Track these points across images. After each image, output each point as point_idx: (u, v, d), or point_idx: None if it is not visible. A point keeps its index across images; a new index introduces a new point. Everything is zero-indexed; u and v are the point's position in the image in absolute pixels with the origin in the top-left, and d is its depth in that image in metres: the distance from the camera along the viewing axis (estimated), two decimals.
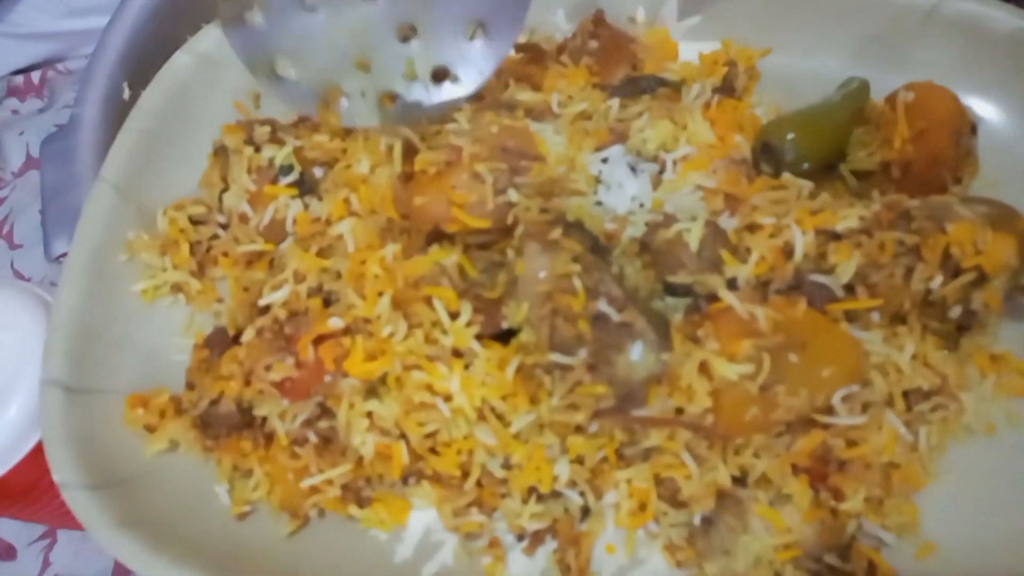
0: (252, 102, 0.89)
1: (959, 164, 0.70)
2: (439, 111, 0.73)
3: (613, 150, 0.76)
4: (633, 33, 0.86)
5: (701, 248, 0.66)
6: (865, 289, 0.65)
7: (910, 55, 0.81)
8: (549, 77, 0.83)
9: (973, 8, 0.79)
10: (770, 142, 0.73)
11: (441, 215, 0.68)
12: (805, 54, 0.85)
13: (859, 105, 0.78)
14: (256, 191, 0.75)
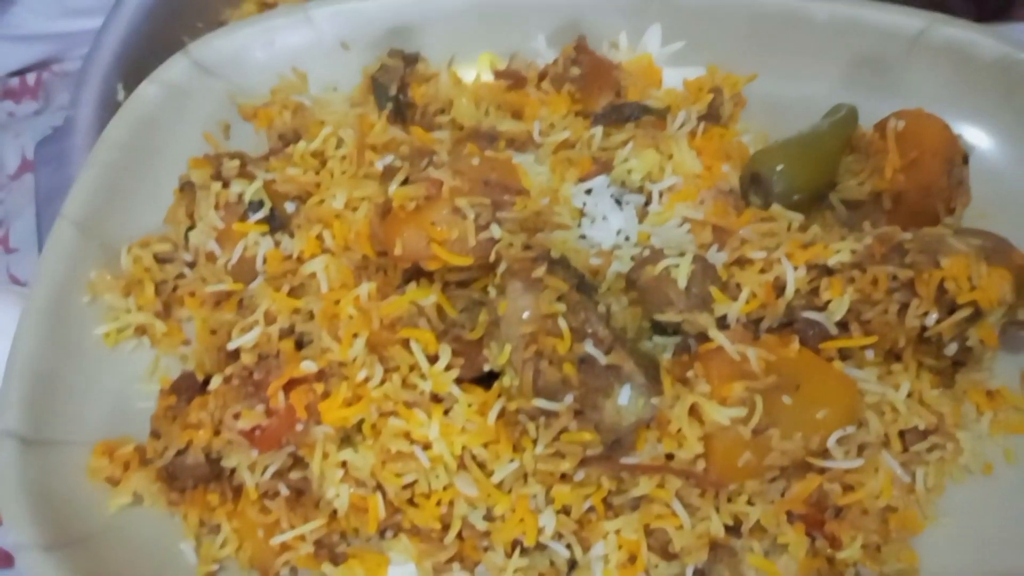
0: (222, 133, 0.86)
1: (951, 194, 0.68)
2: None
3: (597, 181, 0.74)
4: (616, 59, 0.84)
5: (689, 285, 0.63)
6: (859, 326, 0.63)
7: (898, 81, 0.80)
8: (530, 105, 0.81)
9: (959, 34, 0.77)
10: (759, 173, 0.71)
11: (420, 252, 0.65)
12: (791, 80, 0.83)
13: (848, 132, 0.77)
14: (224, 228, 0.71)
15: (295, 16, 0.86)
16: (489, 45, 0.87)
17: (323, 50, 0.87)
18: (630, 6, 0.84)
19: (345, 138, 0.76)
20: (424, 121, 0.81)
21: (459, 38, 0.87)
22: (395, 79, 0.79)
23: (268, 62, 0.86)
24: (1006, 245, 0.65)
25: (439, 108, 0.81)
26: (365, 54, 0.86)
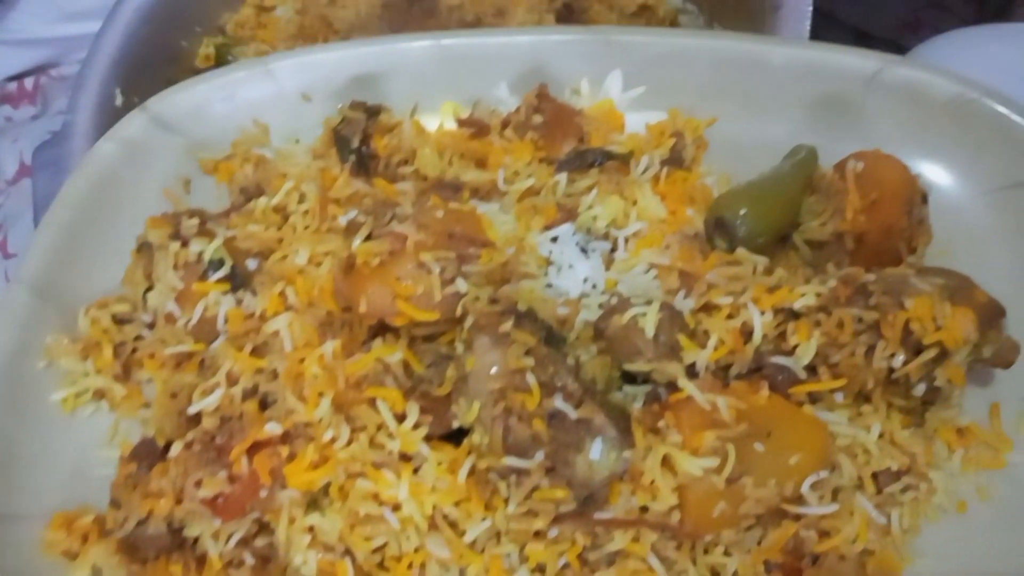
0: (183, 188, 0.85)
1: (913, 234, 0.69)
2: None
3: (562, 229, 0.74)
4: (578, 105, 0.85)
5: (657, 333, 0.63)
6: (827, 369, 0.63)
7: (856, 121, 0.81)
8: (494, 153, 0.81)
9: (913, 75, 0.79)
10: (723, 217, 0.71)
11: (386, 309, 0.64)
12: (752, 122, 0.84)
13: (808, 173, 0.77)
14: (184, 288, 0.70)
15: (255, 69, 0.86)
16: (452, 93, 0.87)
17: (284, 102, 0.86)
18: (591, 52, 0.85)
19: (307, 192, 0.75)
20: (388, 172, 0.80)
21: (422, 87, 0.87)
22: (357, 131, 0.79)
23: (229, 115, 0.86)
24: (968, 283, 0.66)
25: (403, 159, 0.81)
26: (327, 104, 0.86)
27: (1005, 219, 0.76)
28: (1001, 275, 0.74)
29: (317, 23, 1.16)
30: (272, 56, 0.86)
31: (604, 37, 0.85)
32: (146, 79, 1.10)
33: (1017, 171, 0.75)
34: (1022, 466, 0.67)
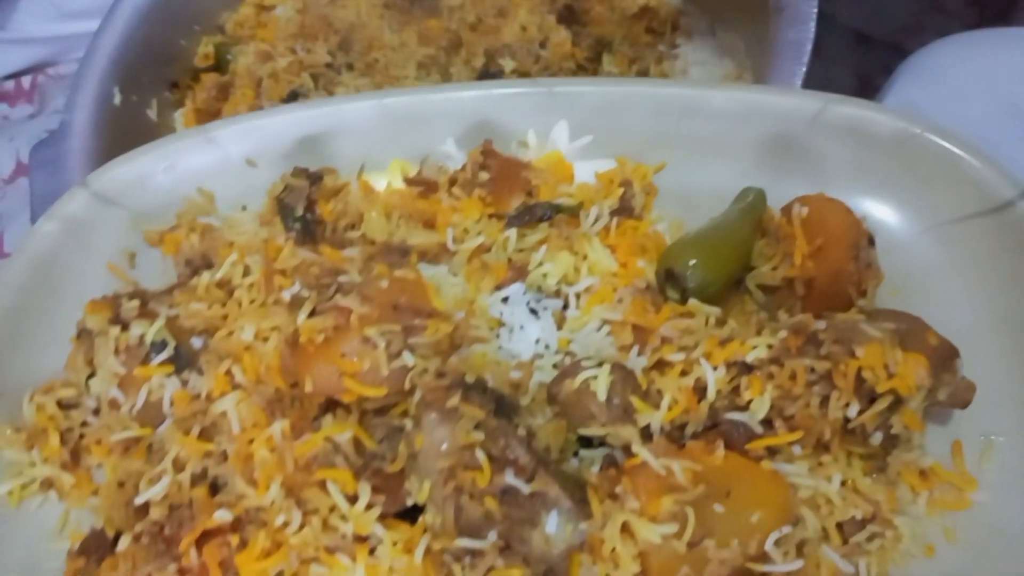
0: (128, 262, 0.83)
1: (861, 277, 0.69)
2: None
3: (513, 288, 0.73)
4: (526, 158, 0.84)
5: (610, 396, 0.62)
6: (783, 422, 0.62)
7: (802, 161, 0.81)
8: (442, 212, 0.80)
9: (855, 112, 0.79)
10: (673, 269, 0.71)
11: (332, 386, 0.63)
12: (699, 166, 0.84)
13: (757, 216, 0.77)
14: (126, 373, 0.68)
15: (197, 137, 0.85)
16: (399, 151, 0.86)
17: (229, 169, 0.85)
18: (536, 104, 0.85)
19: (252, 265, 0.73)
20: (335, 238, 0.79)
21: (368, 146, 0.86)
22: (301, 199, 0.78)
23: (172, 186, 0.85)
24: (920, 325, 0.66)
25: (349, 223, 0.79)
26: (274, 168, 0.85)
27: (953, 253, 0.76)
28: (953, 310, 0.74)
29: (318, 23, 1.16)
30: (213, 124, 0.85)
31: (547, 89, 0.85)
32: (145, 78, 1.12)
33: (963, 205, 0.75)
34: (988, 505, 0.67)
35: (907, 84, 0.94)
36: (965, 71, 0.91)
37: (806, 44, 0.89)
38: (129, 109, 1.12)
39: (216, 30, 1.24)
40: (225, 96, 1.17)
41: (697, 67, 1.15)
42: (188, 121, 1.20)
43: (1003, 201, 0.73)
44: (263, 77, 1.13)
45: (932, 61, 0.94)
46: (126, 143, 1.07)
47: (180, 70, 1.21)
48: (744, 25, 1.11)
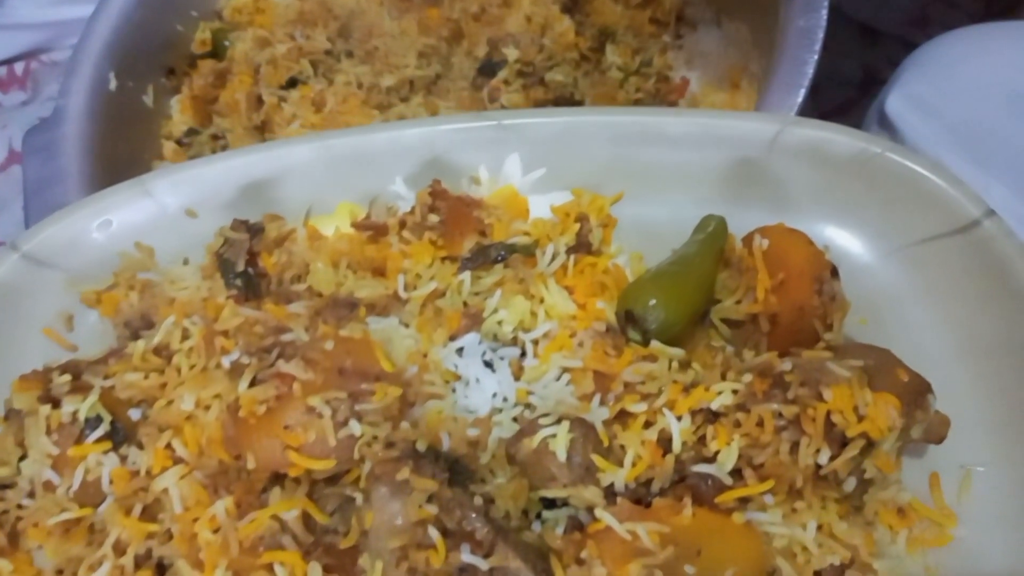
0: (64, 325, 0.79)
1: (827, 311, 0.66)
2: None
3: (467, 339, 0.70)
4: (478, 195, 0.81)
5: (571, 455, 0.59)
6: (753, 471, 0.59)
7: (763, 186, 0.79)
8: (392, 258, 0.76)
9: (813, 134, 0.77)
10: (633, 311, 0.68)
11: (277, 461, 0.59)
12: (659, 194, 0.81)
13: (719, 247, 0.75)
14: (60, 454, 0.64)
15: (133, 190, 0.81)
16: (346, 193, 0.83)
17: (168, 221, 0.81)
18: (486, 139, 0.82)
19: (191, 328, 0.69)
20: (280, 290, 0.75)
21: (314, 189, 0.83)
22: (241, 253, 0.74)
23: (109, 242, 0.80)
24: (888, 360, 0.63)
25: (295, 274, 0.76)
26: (215, 218, 0.81)
27: (919, 276, 0.74)
28: (922, 336, 0.72)
29: (317, 9, 1.14)
30: (149, 175, 0.81)
31: (496, 122, 0.81)
32: (141, 63, 1.11)
33: (927, 225, 0.73)
34: (969, 539, 0.65)
35: (913, 78, 0.92)
36: (972, 65, 0.90)
37: (818, 31, 0.87)
38: (125, 95, 1.11)
39: (214, 16, 1.22)
40: (222, 83, 1.15)
41: (701, 58, 1.14)
42: (184, 108, 1.18)
43: (968, 221, 0.71)
44: (261, 64, 1.11)
45: (938, 55, 0.92)
46: (121, 129, 1.10)
47: (177, 56, 1.20)
48: (750, 15, 1.09)
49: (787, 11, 0.89)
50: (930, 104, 0.89)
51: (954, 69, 0.89)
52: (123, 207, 0.81)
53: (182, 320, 0.71)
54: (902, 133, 0.90)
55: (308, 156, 0.82)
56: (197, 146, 1.15)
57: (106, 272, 0.80)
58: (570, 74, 1.02)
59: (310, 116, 1.08)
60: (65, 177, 0.99)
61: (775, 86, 0.85)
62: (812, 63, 0.85)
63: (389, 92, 1.08)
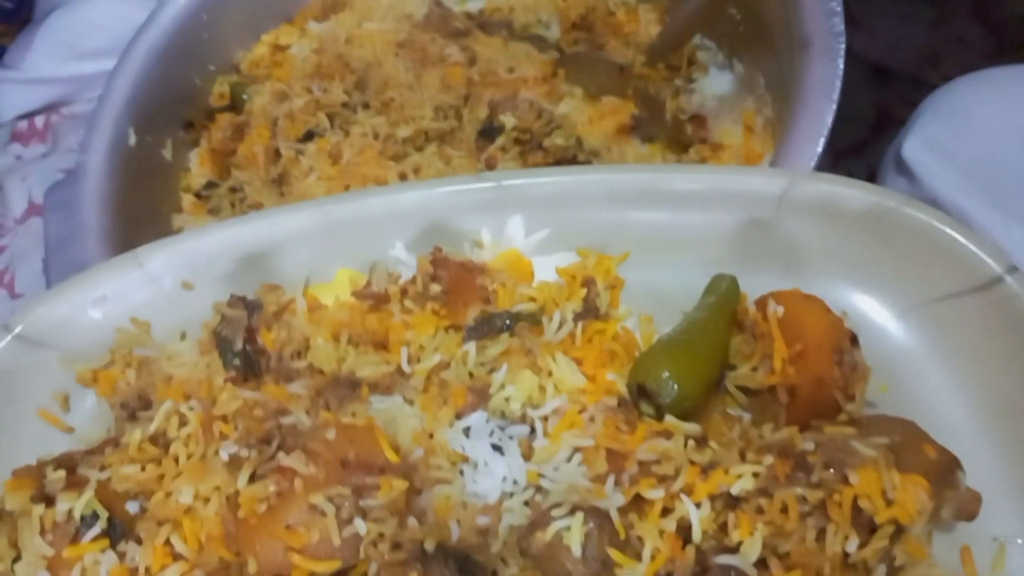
0: (60, 406, 0.77)
1: (848, 382, 0.64)
2: None
3: (474, 418, 0.67)
4: (480, 259, 0.79)
5: (585, 549, 0.56)
6: (778, 560, 0.57)
7: (774, 243, 0.76)
8: (394, 329, 0.74)
9: (823, 189, 0.74)
10: (645, 385, 0.65)
11: (279, 563, 0.57)
12: (666, 252, 0.79)
13: (732, 308, 0.72)
14: (55, 555, 0.62)
15: (125, 265, 0.79)
16: (345, 259, 0.81)
17: (164, 296, 0.79)
18: (486, 201, 0.80)
19: (188, 414, 0.67)
20: (280, 367, 0.73)
21: (313, 257, 0.80)
22: (239, 331, 0.72)
23: (104, 320, 0.78)
24: (915, 435, 0.61)
25: (295, 350, 0.74)
26: (213, 290, 0.79)
27: (939, 335, 0.71)
28: (945, 399, 0.69)
29: (334, 62, 1.15)
30: (143, 249, 0.79)
31: (496, 183, 0.79)
32: (160, 118, 1.13)
33: (946, 282, 0.71)
34: None
35: (930, 121, 0.91)
36: (989, 108, 0.88)
37: (835, 80, 0.86)
38: (144, 150, 1.12)
39: (231, 69, 1.24)
40: (240, 136, 1.15)
41: (715, 101, 1.13)
42: (203, 161, 1.18)
43: (989, 278, 0.68)
44: (279, 117, 1.12)
45: (955, 98, 0.91)
46: (141, 183, 1.11)
47: (195, 110, 1.21)
48: (763, 60, 1.08)
49: (803, 60, 0.87)
50: (947, 148, 0.87)
51: (971, 112, 0.87)
52: (117, 282, 0.79)
53: (180, 404, 0.69)
54: (920, 177, 0.88)
55: (305, 223, 0.80)
56: (216, 199, 1.15)
57: (102, 349, 0.78)
58: (572, 134, 1.00)
59: (327, 168, 1.07)
60: (86, 233, 1.00)
61: (794, 136, 0.84)
62: (830, 112, 0.84)
63: (405, 143, 1.08)
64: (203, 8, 1.18)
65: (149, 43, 1.13)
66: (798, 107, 0.85)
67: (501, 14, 1.21)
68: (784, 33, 0.95)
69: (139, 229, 1.07)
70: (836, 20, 0.88)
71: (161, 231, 1.14)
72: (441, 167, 1.04)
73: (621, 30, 1.17)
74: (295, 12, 1.27)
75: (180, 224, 1.15)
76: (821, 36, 0.88)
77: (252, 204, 1.11)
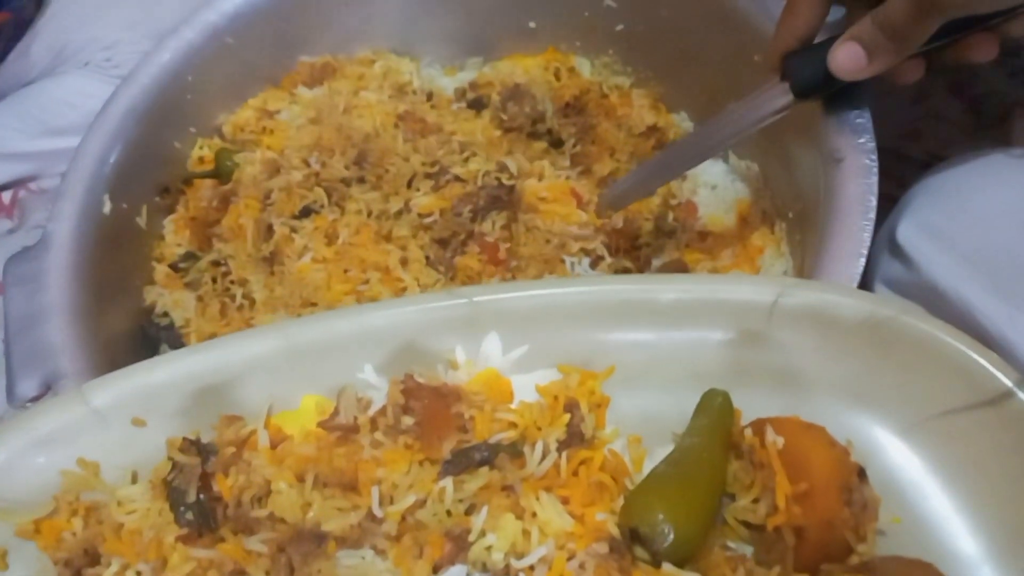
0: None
1: (858, 521, 0.59)
2: None
3: (453, 572, 0.61)
4: (455, 381, 0.74)
5: None
6: None
7: (766, 357, 0.72)
8: (364, 467, 0.68)
9: (816, 297, 0.71)
10: (639, 530, 0.60)
11: None
12: (653, 367, 0.74)
13: (726, 429, 0.68)
14: None
15: (69, 403, 0.72)
16: (311, 386, 0.75)
17: (113, 435, 0.73)
18: (459, 319, 0.75)
19: None
20: (239, 515, 0.67)
21: (276, 386, 0.75)
22: (193, 480, 0.66)
23: (47, 464, 0.72)
24: None
25: (255, 495, 0.67)
26: (167, 424, 0.73)
27: (946, 453, 0.67)
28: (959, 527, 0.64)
29: (334, 135, 1.09)
30: (88, 386, 0.73)
31: (468, 300, 0.75)
32: (137, 183, 1.06)
33: (951, 396, 0.67)
34: None
35: (924, 205, 0.88)
36: (986, 195, 0.85)
37: (871, 198, 0.83)
38: (118, 217, 1.05)
39: (212, 132, 1.18)
40: (225, 206, 1.09)
41: (707, 189, 1.11)
42: (179, 229, 1.12)
43: (999, 392, 0.64)
44: (273, 190, 1.06)
45: (950, 183, 0.88)
46: (113, 253, 1.03)
47: (172, 174, 1.14)
48: (761, 155, 1.06)
49: (835, 175, 0.85)
50: (944, 233, 0.84)
51: (967, 198, 0.84)
52: (62, 422, 0.72)
53: (130, 566, 0.62)
54: (917, 263, 0.85)
55: (267, 350, 0.74)
56: (195, 272, 1.09)
57: (46, 497, 0.71)
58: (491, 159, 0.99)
59: (322, 249, 1.03)
60: (54, 312, 0.91)
61: (834, 255, 0.81)
62: (869, 229, 0.81)
63: (395, 217, 1.04)
64: (188, 69, 1.13)
65: (127, 104, 1.06)
66: (834, 225, 0.82)
67: (491, 88, 1.19)
68: (802, 138, 0.93)
69: (110, 306, 1.01)
70: (867, 137, 0.86)
71: (132, 305, 1.08)
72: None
73: (614, 113, 1.16)
74: (281, 76, 1.22)
75: (152, 298, 1.09)
76: (853, 152, 0.85)
77: (237, 280, 1.05)
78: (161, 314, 1.07)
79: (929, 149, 1.07)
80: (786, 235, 1.02)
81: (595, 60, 1.25)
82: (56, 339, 0.90)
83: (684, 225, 1.06)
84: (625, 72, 1.23)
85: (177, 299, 1.08)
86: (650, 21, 1.16)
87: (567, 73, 1.21)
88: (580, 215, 1.02)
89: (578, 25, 1.22)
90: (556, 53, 1.25)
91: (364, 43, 1.25)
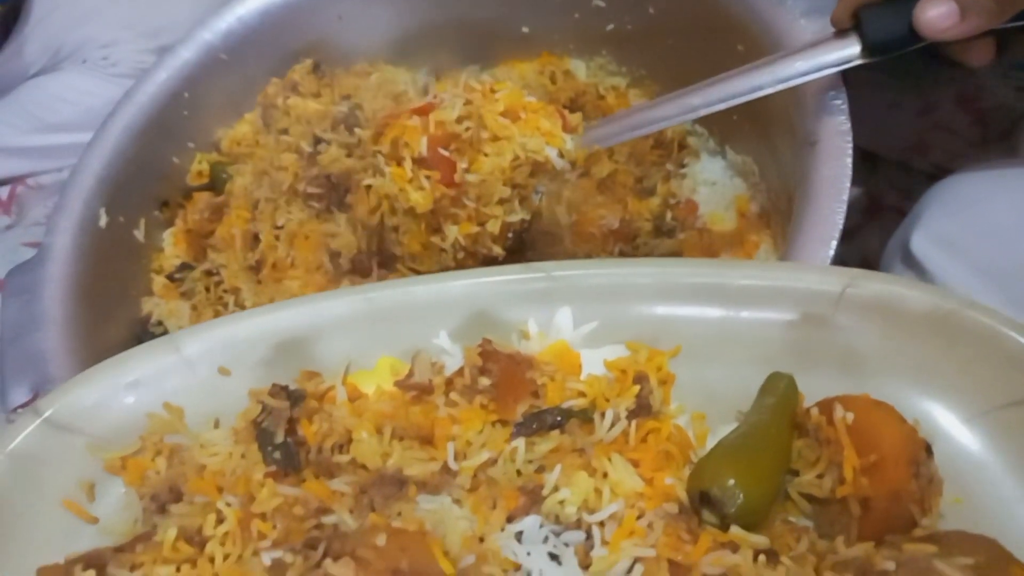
0: (86, 495, 0.73)
1: (924, 495, 0.61)
2: None
3: (528, 522, 0.64)
4: (527, 351, 0.77)
5: None
6: None
7: (831, 344, 0.74)
8: (440, 424, 0.71)
9: (883, 288, 0.73)
10: (709, 493, 0.62)
11: None
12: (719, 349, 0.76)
13: (792, 409, 0.70)
14: None
15: (161, 349, 0.76)
16: (387, 347, 0.79)
17: (199, 381, 0.76)
18: (533, 292, 0.78)
19: (225, 511, 0.64)
20: (321, 461, 0.70)
21: (354, 345, 0.78)
22: (281, 422, 0.69)
23: (136, 405, 0.75)
24: (998, 555, 0.57)
25: (337, 443, 0.71)
26: (250, 376, 0.77)
27: (1008, 443, 0.68)
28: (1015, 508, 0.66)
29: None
30: (179, 334, 0.77)
31: (545, 274, 0.78)
32: (134, 197, 1.08)
33: (1013, 388, 0.68)
34: None
35: (936, 216, 0.89)
36: (999, 205, 0.87)
37: (844, 180, 0.84)
38: (115, 231, 1.08)
39: (211, 147, 1.21)
40: (219, 217, 1.12)
41: (706, 187, 1.12)
42: (178, 241, 1.15)
43: None
44: (260, 199, 1.08)
45: (962, 194, 0.89)
46: (110, 266, 1.06)
47: (171, 188, 1.17)
48: (756, 149, 1.07)
49: (810, 159, 0.86)
50: (958, 244, 0.85)
51: (980, 209, 0.86)
52: (152, 366, 0.76)
53: (216, 499, 0.66)
54: (932, 273, 0.86)
55: (347, 310, 0.78)
56: (190, 282, 1.12)
57: (132, 436, 0.75)
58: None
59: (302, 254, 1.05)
60: (47, 323, 0.95)
61: (805, 239, 0.82)
62: (841, 213, 0.82)
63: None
64: (184, 86, 1.16)
65: (126, 120, 1.09)
66: (807, 208, 0.83)
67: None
68: (782, 125, 0.94)
69: (105, 318, 1.03)
70: (842, 119, 0.87)
71: (129, 316, 1.10)
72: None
73: (611, 113, 1.15)
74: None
75: (150, 308, 1.11)
76: (828, 134, 0.86)
77: (228, 289, 1.08)
78: (156, 323, 1.10)
79: (936, 161, 1.07)
80: (781, 229, 1.02)
81: (590, 62, 1.26)
82: (46, 347, 0.93)
83: (684, 224, 1.07)
84: (620, 73, 1.24)
85: (172, 308, 1.11)
86: (639, 20, 1.16)
87: (562, 76, 1.22)
88: (565, 139, 0.90)
89: (570, 27, 1.23)
90: (551, 57, 1.26)
91: (360, 56, 1.28)
